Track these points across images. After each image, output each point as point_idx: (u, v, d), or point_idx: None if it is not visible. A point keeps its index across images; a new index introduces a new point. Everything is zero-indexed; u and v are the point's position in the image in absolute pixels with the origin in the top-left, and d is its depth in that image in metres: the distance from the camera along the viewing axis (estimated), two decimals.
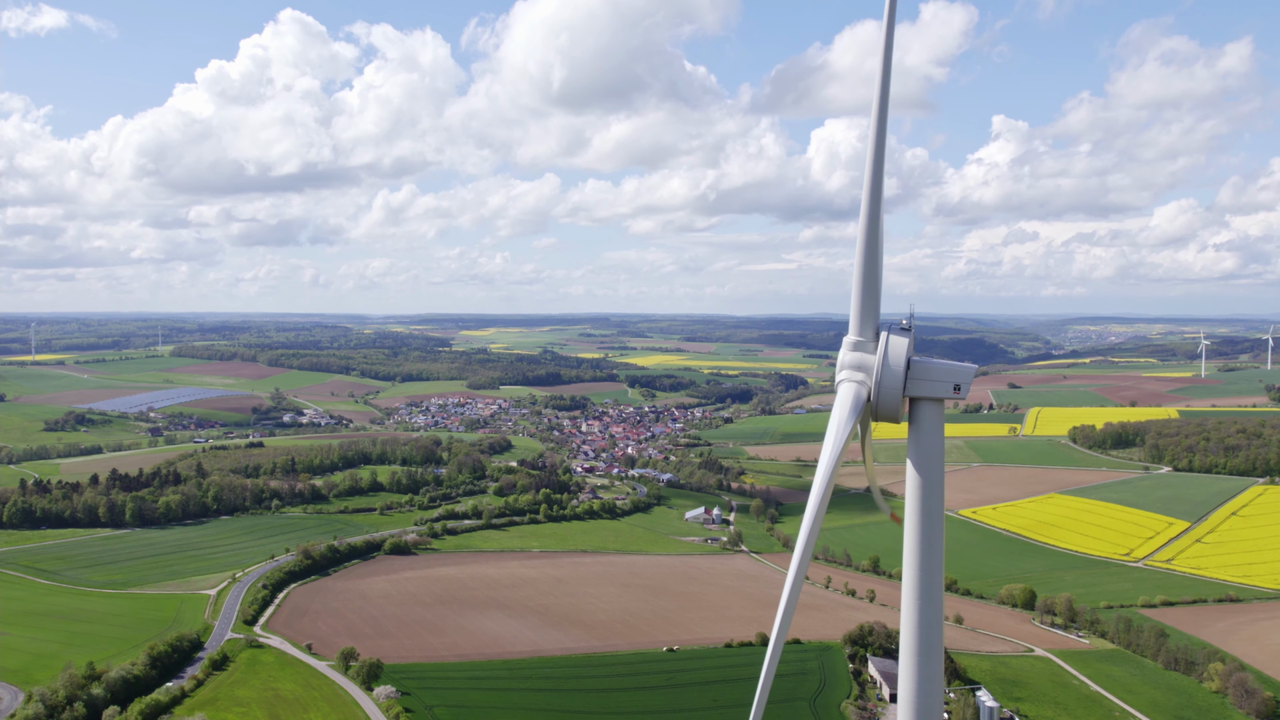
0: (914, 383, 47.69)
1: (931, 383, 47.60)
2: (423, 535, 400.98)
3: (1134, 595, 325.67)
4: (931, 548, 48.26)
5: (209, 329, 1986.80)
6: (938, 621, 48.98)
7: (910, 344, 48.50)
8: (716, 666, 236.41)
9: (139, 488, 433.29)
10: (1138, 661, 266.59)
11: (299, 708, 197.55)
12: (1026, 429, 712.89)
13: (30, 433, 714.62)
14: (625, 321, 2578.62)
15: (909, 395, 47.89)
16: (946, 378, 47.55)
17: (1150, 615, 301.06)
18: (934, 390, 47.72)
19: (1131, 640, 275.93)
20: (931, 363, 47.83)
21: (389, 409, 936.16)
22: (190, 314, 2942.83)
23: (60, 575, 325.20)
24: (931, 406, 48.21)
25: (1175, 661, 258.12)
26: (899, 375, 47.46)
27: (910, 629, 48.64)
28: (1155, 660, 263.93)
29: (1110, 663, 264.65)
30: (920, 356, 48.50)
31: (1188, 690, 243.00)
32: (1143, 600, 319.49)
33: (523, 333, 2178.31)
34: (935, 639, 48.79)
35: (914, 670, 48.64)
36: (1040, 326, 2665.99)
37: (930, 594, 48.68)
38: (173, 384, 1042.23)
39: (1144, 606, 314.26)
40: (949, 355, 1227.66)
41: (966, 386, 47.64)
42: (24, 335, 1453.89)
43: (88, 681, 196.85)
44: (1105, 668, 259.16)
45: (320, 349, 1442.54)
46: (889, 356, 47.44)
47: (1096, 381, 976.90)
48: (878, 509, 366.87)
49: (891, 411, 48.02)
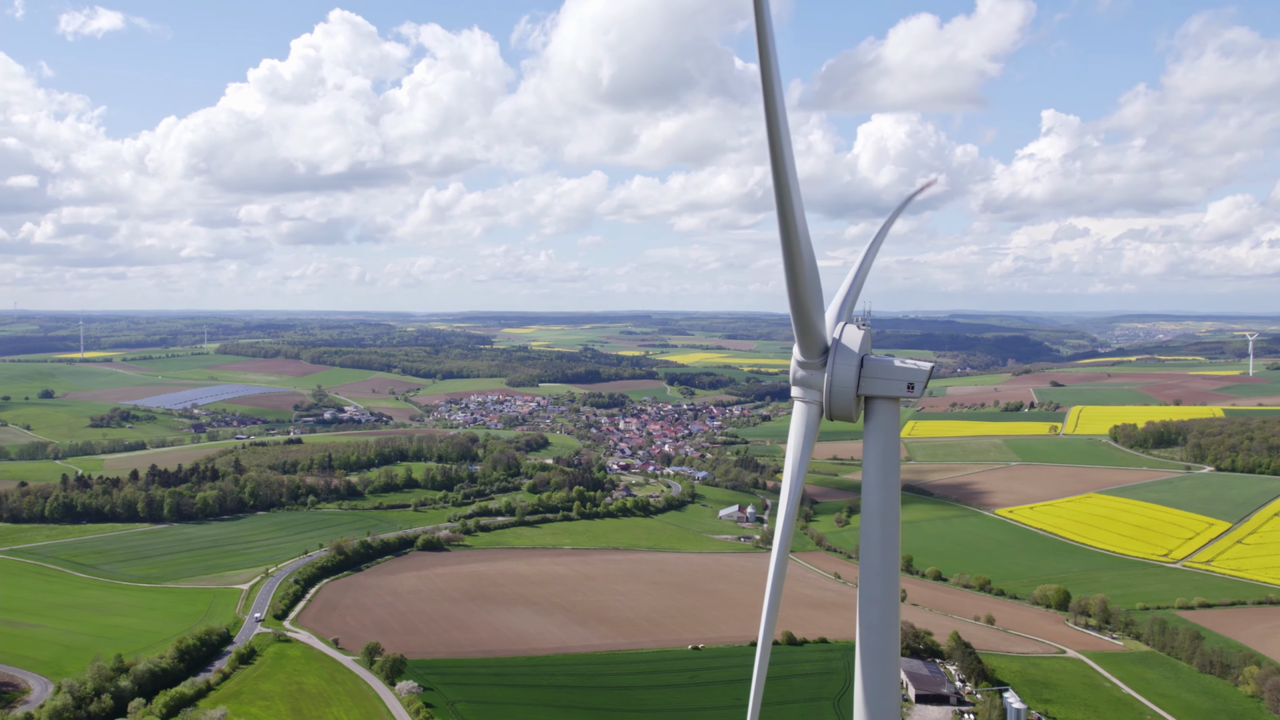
0: (867, 381, 46.90)
1: (885, 381, 46.81)
2: (456, 532, 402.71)
3: (1171, 597, 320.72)
4: (887, 548, 47.50)
5: (255, 326, 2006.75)
6: (894, 623, 48.29)
7: (864, 342, 47.79)
8: (740, 665, 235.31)
9: (177, 483, 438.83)
10: (1172, 664, 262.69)
11: (321, 702, 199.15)
12: (1067, 428, 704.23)
13: (77, 429, 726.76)
14: (667, 319, 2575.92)
15: (863, 394, 47.13)
16: (900, 376, 46.74)
17: (1187, 617, 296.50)
18: (887, 389, 46.89)
19: (1166, 642, 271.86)
20: (885, 361, 47.11)
21: (429, 406, 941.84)
22: (237, 311, 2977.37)
23: (97, 569, 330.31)
24: (886, 405, 47.41)
25: (1210, 664, 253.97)
26: (852, 376, 46.72)
27: (866, 631, 47.97)
28: (1190, 663, 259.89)
29: (1144, 665, 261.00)
30: (877, 354, 47.83)
31: (1223, 694, 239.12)
32: (1180, 602, 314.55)
33: (564, 330, 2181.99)
34: (891, 642, 48.09)
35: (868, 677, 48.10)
36: (1087, 324, 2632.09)
37: (886, 596, 47.98)
38: (217, 381, 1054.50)
39: (1181, 608, 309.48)
40: (992, 353, 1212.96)
41: (921, 385, 46.79)
42: (75, 333, 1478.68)
43: (115, 674, 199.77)
44: (1138, 670, 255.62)
45: (363, 346, 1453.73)
46: (839, 357, 46.75)
47: (1141, 380, 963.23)
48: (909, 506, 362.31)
49: (845, 411, 47.26)
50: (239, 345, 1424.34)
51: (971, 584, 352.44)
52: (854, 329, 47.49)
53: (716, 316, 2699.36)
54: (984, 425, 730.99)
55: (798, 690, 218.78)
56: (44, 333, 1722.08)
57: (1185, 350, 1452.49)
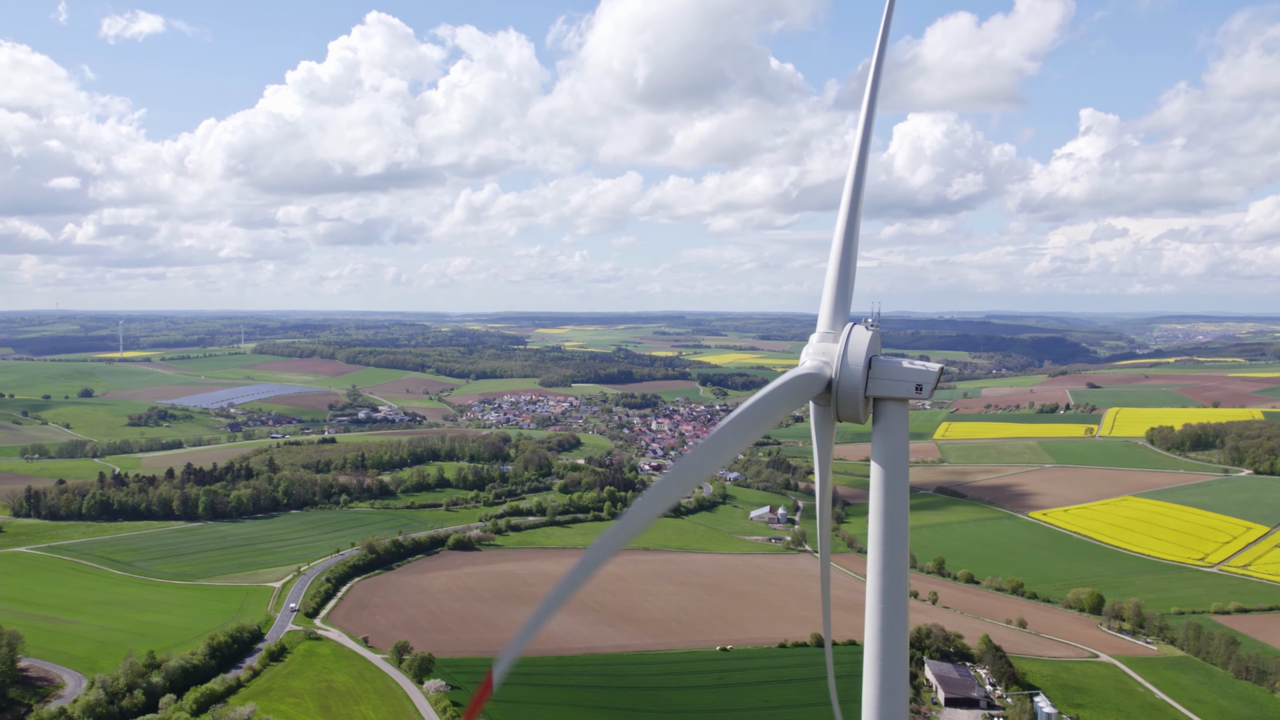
0: (875, 382, 46.55)
1: (892, 382, 46.41)
2: (486, 531, 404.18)
3: (1207, 601, 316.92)
4: (894, 552, 47.16)
5: (291, 327, 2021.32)
6: (902, 627, 48.00)
7: (873, 342, 47.51)
8: (769, 667, 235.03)
9: (212, 482, 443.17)
10: (1207, 669, 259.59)
11: (350, 699, 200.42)
12: (1104, 430, 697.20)
13: (115, 427, 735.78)
14: (701, 319, 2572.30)
15: (870, 395, 46.78)
16: (908, 378, 46.30)
17: (1223, 622, 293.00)
18: (895, 390, 46.50)
19: (1201, 647, 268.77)
20: (893, 362, 46.72)
21: (462, 406, 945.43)
22: (274, 312, 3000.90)
23: (132, 566, 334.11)
24: (894, 407, 47.03)
25: (1246, 670, 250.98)
26: (859, 376, 46.44)
27: (873, 636, 47.69)
28: (1225, 668, 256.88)
29: (1178, 670, 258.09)
30: (885, 355, 47.46)
31: (1259, 700, 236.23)
32: (1216, 606, 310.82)
33: (598, 331, 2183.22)
34: (899, 647, 47.80)
35: (876, 682, 47.85)
36: (1125, 325, 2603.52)
37: (893, 600, 47.67)
38: (253, 380, 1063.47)
39: (1217, 613, 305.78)
40: (1028, 354, 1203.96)
41: (929, 387, 46.34)
42: (115, 333, 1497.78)
43: (148, 670, 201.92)
44: (1172, 675, 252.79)
45: (397, 346, 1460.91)
46: (848, 355, 46.50)
47: (1179, 381, 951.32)
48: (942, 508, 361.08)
49: (853, 412, 46.98)
50: (275, 345, 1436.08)
51: (1004, 587, 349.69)
52: (861, 329, 47.16)
53: (750, 317, 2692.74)
54: (1018, 427, 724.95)
55: (825, 692, 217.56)
56: (85, 332, 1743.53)
57: (1225, 352, 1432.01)
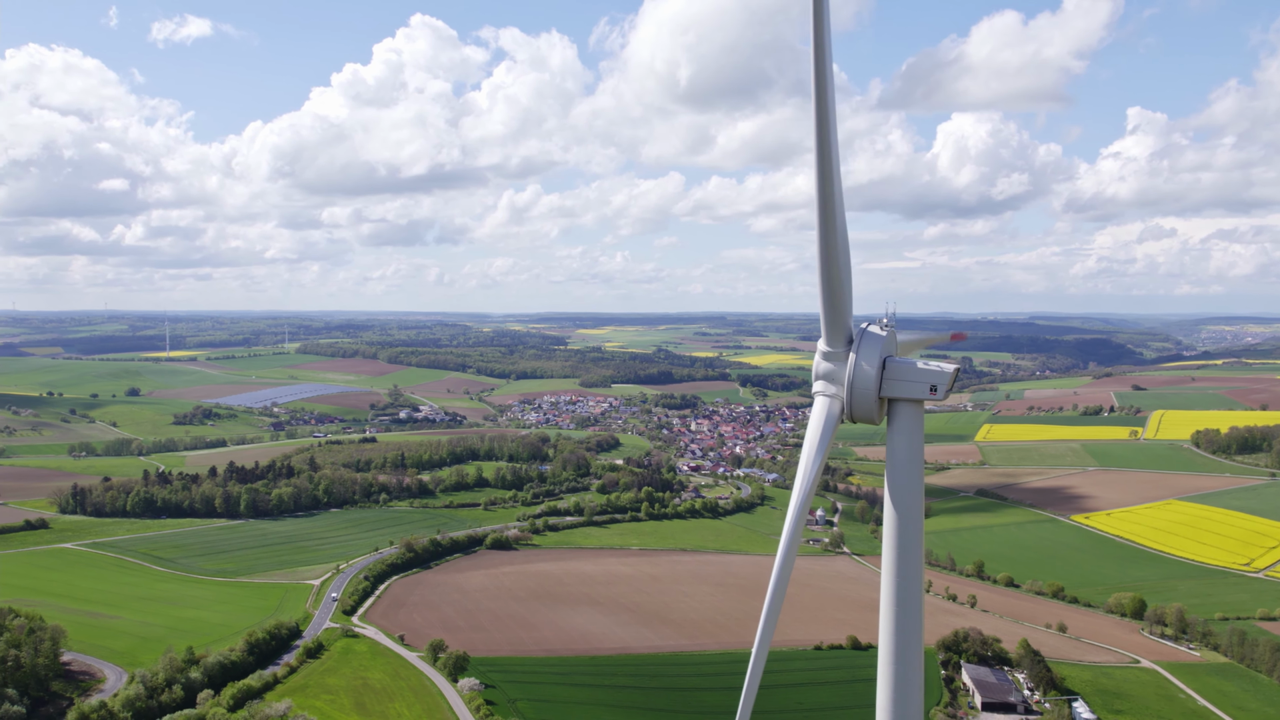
0: (889, 383, 46.25)
1: (907, 383, 46.10)
2: (524, 531, 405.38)
3: (1252, 607, 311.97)
4: (908, 553, 46.84)
5: (335, 327, 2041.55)
6: (917, 631, 47.67)
7: (887, 344, 47.20)
8: (804, 669, 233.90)
9: (253, 480, 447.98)
10: (1252, 676, 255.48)
11: (385, 697, 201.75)
12: (1148, 432, 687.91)
13: (160, 426, 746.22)
14: (742, 320, 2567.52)
15: (884, 396, 46.50)
16: (922, 378, 45.96)
17: (1269, 629, 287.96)
18: (910, 391, 46.17)
19: (1245, 654, 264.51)
20: (908, 363, 46.43)
21: (502, 406, 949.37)
22: (318, 312, 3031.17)
23: (175, 563, 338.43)
24: (909, 408, 46.72)
25: None
26: (873, 377, 46.18)
27: (887, 639, 47.47)
28: (1270, 676, 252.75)
29: (1221, 677, 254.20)
30: (899, 357, 47.18)
31: None
32: (1261, 612, 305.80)
33: (639, 331, 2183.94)
34: (914, 649, 47.50)
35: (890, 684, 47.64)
36: (1172, 326, 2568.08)
37: (908, 602, 47.32)
38: (297, 380, 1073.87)
39: (1262, 619, 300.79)
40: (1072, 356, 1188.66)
41: (944, 388, 45.92)
42: (162, 332, 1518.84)
43: (187, 665, 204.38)
44: (1216, 682, 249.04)
45: (439, 347, 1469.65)
46: (861, 357, 46.25)
47: (1227, 384, 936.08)
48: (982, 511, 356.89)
49: (867, 413, 46.75)
50: (319, 345, 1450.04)
51: (1044, 591, 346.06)
52: (876, 329, 46.90)
53: (791, 318, 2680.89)
54: (1061, 429, 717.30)
55: (862, 695, 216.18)
56: (132, 332, 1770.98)
57: (1275, 354, 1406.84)
